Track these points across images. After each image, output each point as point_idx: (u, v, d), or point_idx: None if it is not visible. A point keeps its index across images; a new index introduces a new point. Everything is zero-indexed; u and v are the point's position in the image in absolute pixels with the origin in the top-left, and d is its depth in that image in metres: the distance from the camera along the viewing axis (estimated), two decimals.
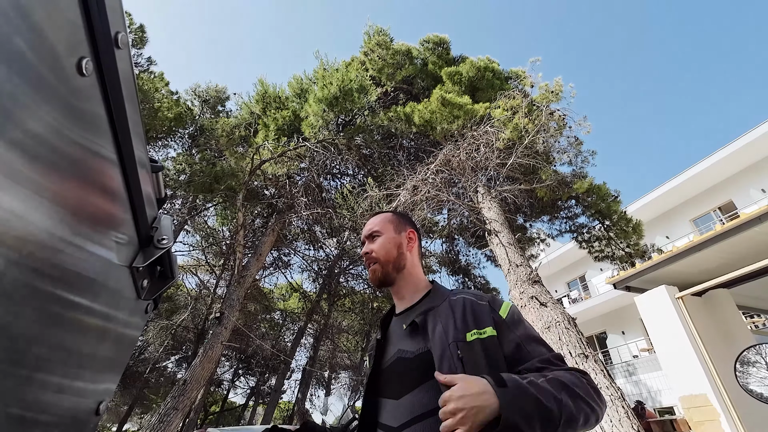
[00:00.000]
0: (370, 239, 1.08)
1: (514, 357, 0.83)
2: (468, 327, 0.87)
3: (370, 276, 1.06)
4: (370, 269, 1.05)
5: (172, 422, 6.26)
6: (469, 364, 0.80)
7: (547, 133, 7.42)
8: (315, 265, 13.06)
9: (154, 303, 0.68)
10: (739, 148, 10.92)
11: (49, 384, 0.42)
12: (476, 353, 0.82)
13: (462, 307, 0.92)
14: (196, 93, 14.31)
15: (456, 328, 0.87)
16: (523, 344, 0.85)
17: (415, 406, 0.82)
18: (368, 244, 1.08)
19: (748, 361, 3.41)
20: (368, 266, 1.06)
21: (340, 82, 8.18)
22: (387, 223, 1.10)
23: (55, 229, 0.36)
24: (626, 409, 3.76)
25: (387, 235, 1.07)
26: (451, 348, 0.83)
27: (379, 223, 1.10)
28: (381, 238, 1.06)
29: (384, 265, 1.03)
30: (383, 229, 1.08)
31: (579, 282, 16.96)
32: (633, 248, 7.80)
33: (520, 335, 0.86)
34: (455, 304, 0.94)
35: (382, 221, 1.11)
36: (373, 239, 1.07)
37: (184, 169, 8.85)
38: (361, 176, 10.43)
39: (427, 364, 0.85)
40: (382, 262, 1.03)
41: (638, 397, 10.95)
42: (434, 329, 0.89)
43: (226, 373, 19.06)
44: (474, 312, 0.91)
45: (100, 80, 0.41)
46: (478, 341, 0.84)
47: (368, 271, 1.07)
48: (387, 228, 1.09)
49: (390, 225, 1.10)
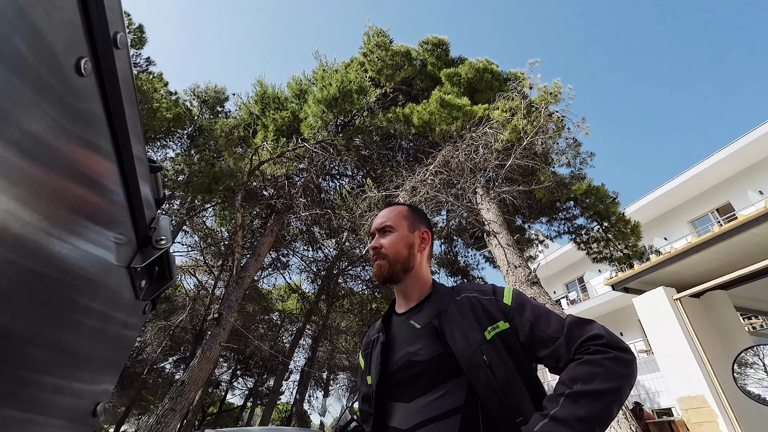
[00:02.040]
0: (382, 233, 1.03)
1: (530, 341, 0.85)
2: (484, 325, 0.87)
3: (375, 271, 1.01)
4: (376, 264, 1.00)
5: (169, 423, 6.24)
6: (497, 367, 0.81)
7: (546, 135, 7.43)
8: (314, 265, 13.04)
9: (152, 304, 0.67)
10: (737, 150, 10.97)
11: (46, 385, 0.42)
12: (499, 351, 0.83)
13: (470, 307, 0.92)
14: (195, 93, 14.28)
15: (473, 331, 0.87)
16: (535, 325, 0.85)
17: (430, 409, 0.82)
18: (378, 238, 1.02)
19: (745, 362, 3.42)
20: (374, 260, 1.01)
21: (340, 83, 8.18)
22: (402, 219, 1.05)
23: (53, 229, 0.36)
24: (624, 411, 3.77)
25: (400, 232, 1.02)
26: (476, 354, 0.83)
27: (393, 218, 1.04)
28: (393, 235, 1.01)
29: (392, 264, 0.99)
30: (397, 225, 1.03)
31: (577, 283, 16.99)
32: (631, 249, 7.81)
33: (529, 317, 0.87)
34: (462, 305, 0.93)
35: (398, 216, 1.05)
36: (385, 234, 1.02)
37: (183, 169, 8.84)
38: (360, 177, 10.43)
39: (441, 368, 0.85)
40: (390, 260, 0.99)
41: (636, 399, 10.96)
42: (453, 335, 0.87)
43: (224, 374, 19.02)
44: (483, 308, 0.91)
45: (98, 80, 0.41)
46: (496, 336, 0.86)
47: (373, 265, 1.02)
48: (401, 224, 1.04)
49: (404, 222, 1.05)
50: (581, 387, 0.72)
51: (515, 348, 0.85)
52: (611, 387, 0.72)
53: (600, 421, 0.69)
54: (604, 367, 0.74)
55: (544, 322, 0.85)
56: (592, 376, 0.73)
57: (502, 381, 0.80)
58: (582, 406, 0.70)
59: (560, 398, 0.73)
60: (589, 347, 0.78)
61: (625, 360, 0.76)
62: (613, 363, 0.75)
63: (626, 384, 0.74)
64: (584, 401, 0.71)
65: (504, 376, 0.80)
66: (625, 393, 0.74)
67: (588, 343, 0.79)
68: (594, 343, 0.78)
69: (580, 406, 0.70)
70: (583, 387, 0.72)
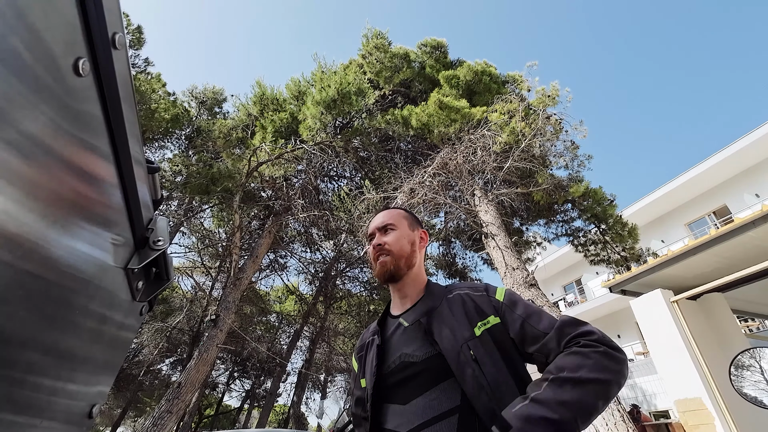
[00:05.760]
0: (383, 231, 1.04)
1: (521, 336, 0.84)
2: (473, 321, 0.87)
3: (379, 269, 1.00)
4: (380, 261, 1.00)
5: (166, 426, 6.20)
6: (485, 363, 0.80)
7: (544, 137, 7.46)
8: (311, 267, 13.01)
9: (149, 305, 0.67)
10: (734, 153, 11.04)
11: (41, 387, 0.41)
12: (488, 346, 0.83)
13: (461, 304, 0.92)
14: (193, 94, 14.27)
15: (462, 327, 0.87)
16: (526, 321, 0.85)
17: (426, 411, 0.81)
18: (380, 236, 1.04)
19: (742, 364, 3.43)
20: (376, 258, 1.01)
21: (338, 85, 8.19)
22: (402, 219, 1.07)
23: (50, 230, 0.36)
24: (622, 413, 3.77)
25: (402, 230, 1.05)
26: (464, 350, 0.83)
27: (393, 217, 1.07)
28: (396, 232, 1.03)
29: (397, 259, 0.99)
30: (398, 223, 1.05)
31: (575, 285, 17.03)
32: (628, 252, 7.84)
33: (521, 314, 0.86)
34: (453, 303, 0.93)
35: (397, 215, 1.08)
36: (387, 231, 1.04)
37: (181, 170, 8.83)
38: (358, 179, 10.43)
39: (437, 368, 0.84)
40: (395, 255, 1.00)
41: (634, 401, 10.97)
42: (441, 333, 0.87)
43: (221, 375, 18.92)
44: (475, 304, 0.91)
45: (96, 81, 0.41)
46: (486, 332, 0.85)
47: (376, 264, 1.01)
48: (402, 223, 1.06)
49: (405, 221, 1.07)
50: (567, 374, 0.71)
51: (505, 344, 0.84)
52: (598, 377, 0.70)
53: (582, 410, 0.67)
54: (593, 359, 0.72)
55: (535, 319, 0.85)
56: (579, 366, 0.71)
57: (489, 377, 0.79)
58: (566, 391, 0.68)
59: (544, 383, 0.72)
60: (579, 341, 0.77)
61: (616, 357, 0.74)
62: (603, 356, 0.73)
63: (615, 380, 0.71)
64: (568, 387, 0.69)
65: (492, 372, 0.79)
66: (612, 389, 0.71)
67: (579, 338, 0.77)
68: (585, 338, 0.77)
69: (564, 391, 0.69)
70: (569, 374, 0.71)
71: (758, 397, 3.22)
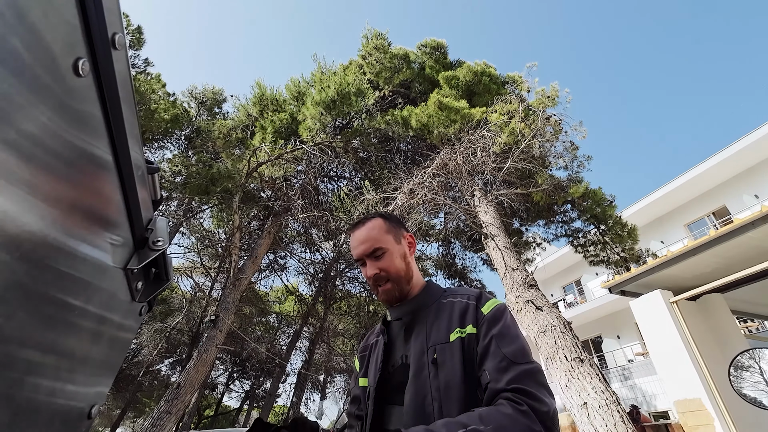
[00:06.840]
0: (374, 258, 0.96)
1: (484, 349, 0.81)
2: (452, 327, 0.87)
3: (383, 297, 0.96)
4: (382, 290, 0.95)
5: (165, 426, 6.20)
6: (443, 366, 0.81)
7: (543, 138, 7.47)
8: (311, 268, 13.02)
9: (149, 305, 0.67)
10: (733, 154, 11.06)
11: (40, 387, 0.41)
12: (454, 352, 0.82)
13: (449, 310, 0.92)
14: (192, 95, 14.26)
15: (440, 330, 0.87)
16: (497, 338, 0.81)
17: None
18: (374, 263, 0.95)
19: (741, 365, 3.43)
20: (376, 287, 0.96)
21: (338, 86, 8.20)
22: (385, 235, 0.99)
23: (49, 230, 0.36)
24: (621, 414, 3.77)
25: (391, 248, 0.97)
26: (428, 352, 0.84)
27: (376, 237, 0.97)
28: (388, 255, 0.96)
29: (398, 282, 0.96)
30: (384, 242, 0.97)
31: (575, 286, 17.03)
32: (628, 253, 7.84)
33: (495, 331, 0.82)
34: (444, 308, 0.93)
35: (379, 233, 0.98)
36: (378, 258, 0.96)
37: (180, 170, 8.83)
38: (357, 179, 10.43)
39: None
40: (394, 279, 0.95)
41: (633, 401, 10.98)
42: (418, 335, 0.89)
43: (220, 376, 18.92)
44: (461, 311, 0.91)
45: (96, 81, 0.41)
46: (459, 340, 0.84)
47: (378, 292, 0.97)
48: (388, 241, 0.98)
49: (389, 236, 0.99)
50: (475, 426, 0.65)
51: (471, 354, 0.82)
52: None
53: None
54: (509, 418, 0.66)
55: (507, 341, 0.80)
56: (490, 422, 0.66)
57: (443, 380, 0.79)
58: None
59: (451, 424, 0.66)
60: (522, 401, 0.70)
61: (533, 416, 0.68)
62: (521, 415, 0.67)
63: None
64: None
65: (448, 376, 0.79)
66: None
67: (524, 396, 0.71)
68: (519, 397, 0.70)
69: None
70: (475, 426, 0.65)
71: (758, 397, 3.22)
